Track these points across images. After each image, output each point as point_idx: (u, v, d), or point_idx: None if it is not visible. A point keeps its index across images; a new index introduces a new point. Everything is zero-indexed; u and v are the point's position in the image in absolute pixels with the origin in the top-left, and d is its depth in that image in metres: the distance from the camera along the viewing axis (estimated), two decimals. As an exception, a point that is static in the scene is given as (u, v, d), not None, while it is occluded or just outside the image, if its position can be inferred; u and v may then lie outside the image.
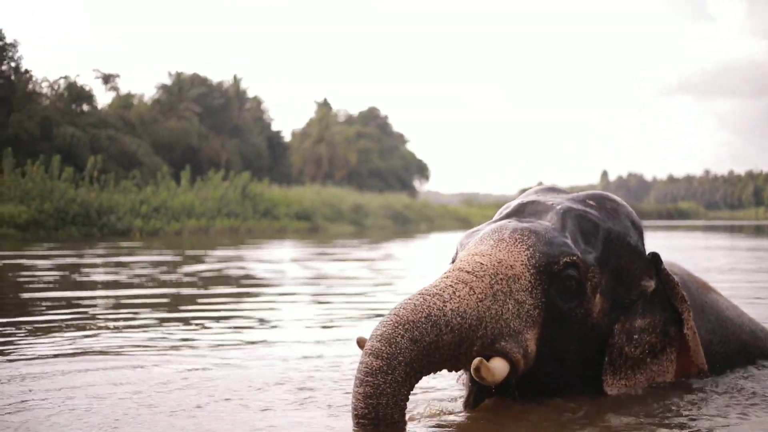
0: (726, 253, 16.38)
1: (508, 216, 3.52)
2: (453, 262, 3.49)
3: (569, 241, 3.23)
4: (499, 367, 2.98)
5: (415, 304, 2.94)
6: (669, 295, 3.47)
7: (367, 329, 3.51)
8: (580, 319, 3.20)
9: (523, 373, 3.12)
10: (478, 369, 2.88)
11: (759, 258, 15.10)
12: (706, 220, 77.58)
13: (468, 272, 3.09)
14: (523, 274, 3.11)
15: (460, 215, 49.77)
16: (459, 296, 3.00)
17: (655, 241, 22.10)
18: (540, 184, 3.85)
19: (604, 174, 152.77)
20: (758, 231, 36.35)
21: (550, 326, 3.14)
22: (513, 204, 3.62)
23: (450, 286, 3.03)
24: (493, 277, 3.07)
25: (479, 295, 3.02)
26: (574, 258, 3.16)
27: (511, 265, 3.11)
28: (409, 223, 44.80)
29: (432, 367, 2.95)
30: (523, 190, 3.89)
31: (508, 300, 3.05)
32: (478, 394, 3.22)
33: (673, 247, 18.83)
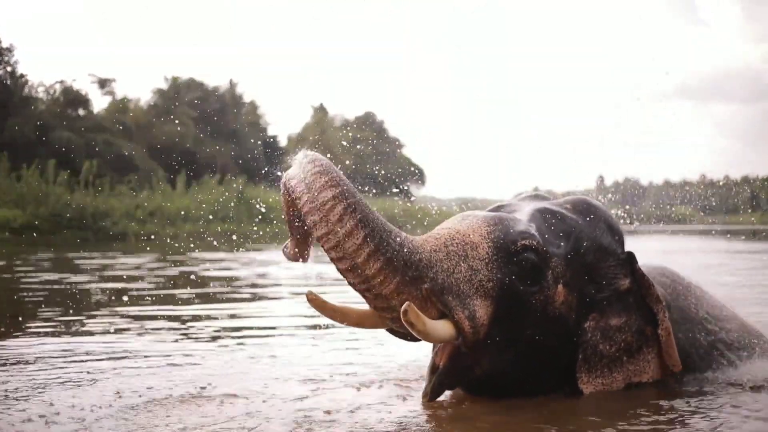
0: (721, 256, 16.38)
1: None
2: None
3: (532, 230, 3.28)
4: (437, 324, 3.00)
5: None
6: (644, 294, 3.46)
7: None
8: (540, 306, 3.21)
9: (484, 361, 3.14)
10: (405, 312, 2.88)
11: (753, 260, 15.11)
12: (702, 225, 77.67)
13: (426, 235, 3.19)
14: (481, 244, 3.16)
15: (456, 220, 49.74)
16: (413, 240, 3.07)
17: (650, 245, 22.08)
18: (536, 188, 3.89)
19: (600, 179, 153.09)
20: (754, 235, 36.37)
21: (508, 307, 3.14)
22: (491, 207, 3.72)
23: (406, 235, 3.09)
24: (449, 239, 3.15)
25: (433, 246, 3.10)
26: (534, 243, 3.21)
27: (469, 234, 3.19)
28: (406, 227, 44.69)
29: (373, 249, 2.91)
30: (518, 195, 3.90)
31: (461, 263, 3.10)
32: (437, 385, 3.22)
33: (667, 250, 18.83)
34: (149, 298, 7.88)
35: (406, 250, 2.97)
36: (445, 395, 3.40)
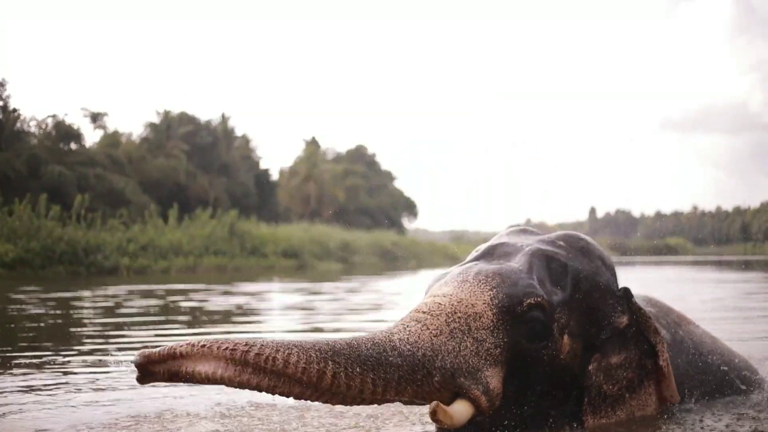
0: (713, 286, 16.43)
1: (477, 258, 3.53)
2: None
3: (535, 283, 3.22)
4: (459, 410, 2.95)
5: (359, 335, 2.97)
6: (642, 328, 3.45)
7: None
8: (547, 361, 3.17)
9: (493, 419, 3.09)
10: (434, 413, 2.85)
11: (745, 291, 15.16)
12: (694, 256, 77.69)
13: (423, 312, 3.10)
14: (485, 312, 3.09)
15: (449, 252, 49.71)
16: (409, 330, 3.01)
17: (645, 275, 22.12)
18: (528, 221, 3.86)
19: (592, 210, 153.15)
20: (746, 266, 36.44)
21: (516, 367, 3.11)
22: (483, 246, 3.64)
23: (401, 324, 3.05)
24: (450, 315, 3.07)
25: (433, 331, 3.02)
26: (539, 300, 3.15)
27: (472, 304, 3.11)
28: (398, 260, 44.74)
29: (382, 386, 2.87)
30: (509, 228, 3.87)
31: (466, 338, 3.03)
32: None
33: (661, 279, 18.88)
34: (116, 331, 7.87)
35: (407, 361, 2.91)
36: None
